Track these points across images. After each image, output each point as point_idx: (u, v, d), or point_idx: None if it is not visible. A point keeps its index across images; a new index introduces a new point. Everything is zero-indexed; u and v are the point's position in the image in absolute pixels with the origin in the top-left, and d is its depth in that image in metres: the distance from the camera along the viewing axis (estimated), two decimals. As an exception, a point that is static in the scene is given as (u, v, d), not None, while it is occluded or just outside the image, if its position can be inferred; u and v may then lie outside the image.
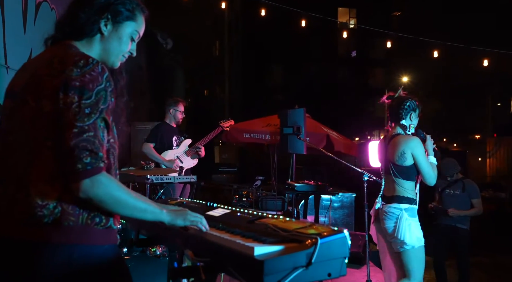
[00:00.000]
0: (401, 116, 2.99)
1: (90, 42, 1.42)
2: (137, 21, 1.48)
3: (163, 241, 2.07)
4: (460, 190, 4.66)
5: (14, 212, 1.26)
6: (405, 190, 2.89)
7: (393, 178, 2.94)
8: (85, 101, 1.23)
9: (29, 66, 1.40)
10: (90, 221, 1.28)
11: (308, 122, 5.88)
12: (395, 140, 2.97)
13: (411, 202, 2.88)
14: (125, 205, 1.29)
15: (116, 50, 1.45)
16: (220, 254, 1.32)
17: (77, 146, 1.20)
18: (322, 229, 1.33)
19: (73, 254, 1.25)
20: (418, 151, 2.86)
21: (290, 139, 5.23)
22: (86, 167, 1.21)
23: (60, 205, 1.25)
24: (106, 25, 1.42)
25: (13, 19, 3.38)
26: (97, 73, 1.26)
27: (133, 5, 1.46)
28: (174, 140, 4.96)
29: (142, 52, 14.22)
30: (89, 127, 1.23)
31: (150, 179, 4.20)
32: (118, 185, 1.29)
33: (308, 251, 1.19)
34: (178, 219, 1.44)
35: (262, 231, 1.40)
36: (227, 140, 8.02)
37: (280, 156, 6.54)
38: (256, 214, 1.65)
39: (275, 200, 6.18)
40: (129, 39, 1.47)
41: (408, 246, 2.82)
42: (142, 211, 1.34)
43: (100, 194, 1.23)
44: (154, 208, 1.38)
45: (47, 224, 1.24)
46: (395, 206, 2.88)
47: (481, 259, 6.54)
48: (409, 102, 3.00)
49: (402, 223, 2.82)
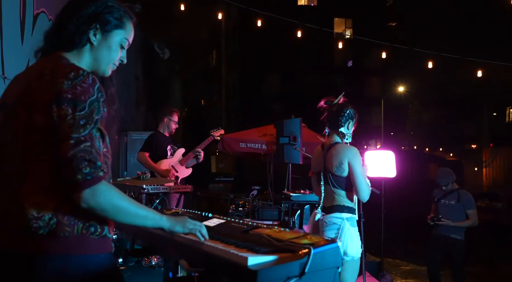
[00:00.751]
0: (340, 123, 2.89)
1: (80, 53, 1.43)
2: (126, 29, 1.48)
3: (158, 251, 2.07)
4: (455, 200, 4.67)
5: (8, 225, 1.26)
6: (344, 199, 2.79)
7: (332, 188, 2.83)
8: (79, 112, 1.24)
9: (20, 78, 1.41)
10: (86, 231, 1.29)
11: (304, 132, 5.90)
12: (333, 149, 2.85)
13: (352, 211, 2.79)
14: (127, 212, 1.30)
15: (107, 59, 1.46)
16: (214, 264, 1.33)
17: (75, 156, 1.21)
18: (315, 239, 1.34)
19: (69, 264, 1.25)
20: (355, 162, 2.75)
21: (286, 148, 5.25)
22: (86, 177, 1.21)
23: (55, 216, 1.25)
24: (95, 35, 1.42)
25: (11, 30, 3.40)
26: (88, 85, 1.27)
27: (121, 12, 1.46)
28: (168, 149, 4.95)
29: (139, 62, 14.27)
30: (86, 138, 1.24)
31: (146, 189, 4.20)
32: (119, 193, 1.29)
33: (302, 261, 1.20)
34: (178, 225, 1.45)
35: (256, 241, 1.40)
36: (223, 150, 8.03)
37: (276, 166, 6.55)
38: (251, 224, 1.66)
39: (271, 210, 6.17)
40: (118, 47, 1.47)
41: (348, 257, 2.70)
42: (142, 218, 1.36)
43: (101, 203, 1.24)
44: (154, 214, 1.40)
45: (43, 236, 1.24)
46: (336, 216, 2.77)
47: (477, 269, 6.55)
48: (348, 110, 2.90)
49: (345, 233, 2.71)
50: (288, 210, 5.49)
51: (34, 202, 1.25)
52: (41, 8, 4.04)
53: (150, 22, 17.08)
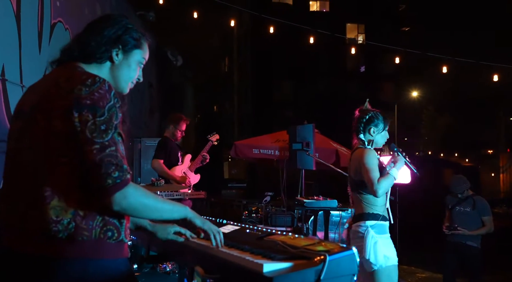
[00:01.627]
0: (360, 129, 2.87)
1: (100, 68, 1.48)
2: (143, 49, 1.57)
3: (173, 257, 2.08)
4: (470, 207, 4.60)
5: (28, 228, 1.29)
6: (371, 205, 2.74)
7: (357, 194, 2.81)
8: (99, 118, 1.27)
9: (36, 87, 1.44)
10: (103, 235, 1.32)
11: (317, 138, 5.89)
12: (353, 155, 2.88)
13: (377, 218, 2.72)
14: (154, 209, 1.38)
15: (126, 77, 1.53)
16: (229, 270, 1.33)
17: (103, 161, 1.25)
18: (330, 246, 1.33)
19: (87, 268, 1.28)
20: (365, 160, 2.71)
21: (299, 154, 5.24)
22: (116, 181, 1.26)
23: (73, 221, 1.28)
24: (117, 54, 1.50)
25: (29, 39, 3.48)
26: (105, 91, 1.31)
27: (139, 34, 1.55)
28: (179, 155, 4.87)
29: (152, 69, 14.42)
30: (110, 143, 1.27)
31: (160, 196, 4.21)
32: (145, 192, 1.36)
33: (317, 268, 1.20)
34: (198, 219, 1.54)
35: (271, 248, 1.41)
36: (236, 156, 8.04)
37: (289, 172, 6.54)
38: (265, 231, 1.66)
39: (284, 216, 6.15)
40: (137, 65, 1.55)
41: (375, 265, 2.64)
42: (169, 212, 1.45)
43: (132, 203, 1.30)
44: (178, 207, 1.49)
45: (62, 239, 1.26)
46: (361, 225, 2.74)
47: (493, 278, 6.42)
48: (369, 115, 2.86)
49: (368, 242, 2.65)
50: (301, 216, 5.47)
51: (53, 206, 1.27)
52: (58, 18, 4.12)
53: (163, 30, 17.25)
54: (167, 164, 4.75)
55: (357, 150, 2.86)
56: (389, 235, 2.77)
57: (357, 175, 2.79)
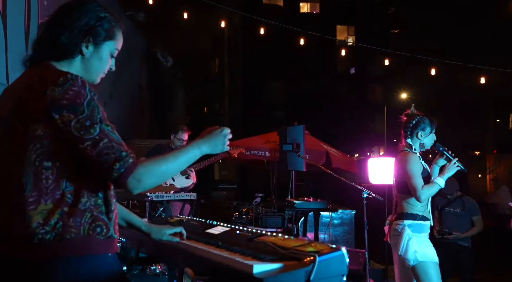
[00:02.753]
0: (407, 133, 3.02)
1: (71, 63, 1.43)
2: (116, 39, 1.50)
3: (163, 259, 2.07)
4: (460, 208, 4.65)
5: (13, 234, 1.27)
6: (411, 206, 2.90)
7: (399, 194, 2.99)
8: (81, 116, 1.25)
9: (10, 90, 1.41)
10: (92, 232, 1.30)
11: (307, 139, 5.90)
12: (397, 157, 3.04)
13: (415, 218, 2.88)
14: (172, 169, 1.36)
15: (97, 69, 1.48)
16: (219, 272, 1.33)
17: (101, 156, 1.25)
18: (320, 246, 1.34)
19: (77, 266, 1.27)
20: (408, 166, 2.86)
21: (290, 156, 5.24)
22: (120, 171, 1.25)
23: (61, 220, 1.26)
24: (87, 47, 1.44)
25: (16, 39, 3.44)
26: (79, 87, 1.28)
27: (112, 23, 1.48)
28: None
29: (142, 70, 14.34)
30: (100, 136, 1.26)
31: (150, 197, 4.20)
32: (156, 162, 1.33)
33: (307, 268, 1.20)
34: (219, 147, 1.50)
35: (261, 249, 1.41)
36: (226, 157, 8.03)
37: (279, 173, 6.54)
38: (255, 232, 1.66)
39: (275, 217, 6.15)
40: (109, 57, 1.50)
41: (409, 261, 2.82)
42: (186, 162, 1.42)
43: (149, 182, 1.30)
44: (192, 152, 1.44)
45: (50, 241, 1.25)
46: (399, 223, 2.92)
47: (484, 276, 6.48)
48: (415, 120, 3.01)
49: (403, 239, 2.84)
50: (291, 217, 5.47)
51: (40, 211, 1.25)
52: (45, 17, 4.08)
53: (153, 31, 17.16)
54: None
55: (401, 153, 3.01)
56: (427, 234, 2.91)
57: (400, 178, 2.95)
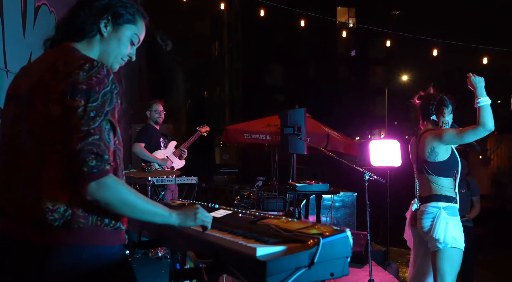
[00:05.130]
0: (431, 112, 2.94)
1: (90, 43, 1.42)
2: (137, 25, 1.49)
3: (165, 243, 2.07)
4: (465, 188, 4.70)
5: (24, 216, 1.27)
6: (442, 188, 2.79)
7: (427, 176, 2.84)
8: (91, 104, 1.24)
9: (31, 69, 1.40)
10: (100, 223, 1.30)
11: (308, 122, 5.87)
12: (424, 136, 2.90)
13: (451, 200, 2.77)
14: (134, 208, 1.28)
15: (115, 52, 1.45)
16: (222, 255, 1.32)
17: (83, 149, 1.21)
18: (324, 229, 1.32)
19: (84, 255, 1.26)
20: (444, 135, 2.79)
21: (291, 139, 5.22)
22: (92, 170, 1.21)
23: (70, 208, 1.25)
24: (106, 26, 1.43)
25: (13, 23, 3.38)
26: (103, 76, 1.27)
27: (134, 9, 1.47)
28: (161, 141, 5.02)
29: (141, 54, 14.24)
30: (95, 131, 1.23)
31: (151, 181, 4.20)
32: (125, 188, 1.27)
33: (311, 251, 1.19)
34: (188, 220, 1.41)
35: (264, 232, 1.40)
36: (227, 141, 8.02)
37: (281, 157, 6.53)
38: (258, 215, 1.65)
39: (276, 201, 6.17)
40: (128, 42, 1.48)
41: (442, 244, 2.69)
42: (151, 214, 1.33)
43: (106, 197, 1.23)
44: (163, 211, 1.36)
45: (58, 227, 1.25)
46: (433, 205, 2.77)
47: (484, 257, 6.54)
48: (439, 97, 2.96)
49: (440, 222, 2.70)
50: (293, 200, 5.49)
51: (50, 194, 1.25)
52: (42, 1, 4.01)
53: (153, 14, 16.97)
54: (149, 148, 4.87)
55: (428, 132, 2.90)
56: (459, 218, 2.82)
57: (431, 157, 2.82)
